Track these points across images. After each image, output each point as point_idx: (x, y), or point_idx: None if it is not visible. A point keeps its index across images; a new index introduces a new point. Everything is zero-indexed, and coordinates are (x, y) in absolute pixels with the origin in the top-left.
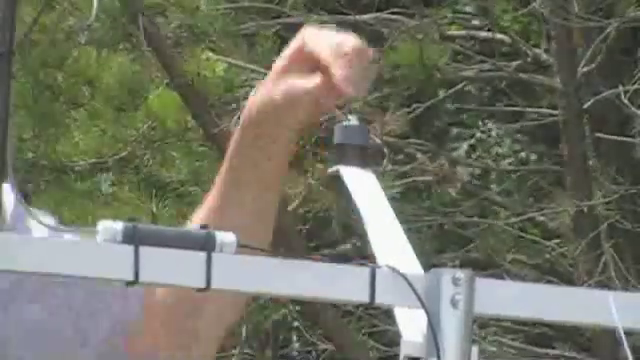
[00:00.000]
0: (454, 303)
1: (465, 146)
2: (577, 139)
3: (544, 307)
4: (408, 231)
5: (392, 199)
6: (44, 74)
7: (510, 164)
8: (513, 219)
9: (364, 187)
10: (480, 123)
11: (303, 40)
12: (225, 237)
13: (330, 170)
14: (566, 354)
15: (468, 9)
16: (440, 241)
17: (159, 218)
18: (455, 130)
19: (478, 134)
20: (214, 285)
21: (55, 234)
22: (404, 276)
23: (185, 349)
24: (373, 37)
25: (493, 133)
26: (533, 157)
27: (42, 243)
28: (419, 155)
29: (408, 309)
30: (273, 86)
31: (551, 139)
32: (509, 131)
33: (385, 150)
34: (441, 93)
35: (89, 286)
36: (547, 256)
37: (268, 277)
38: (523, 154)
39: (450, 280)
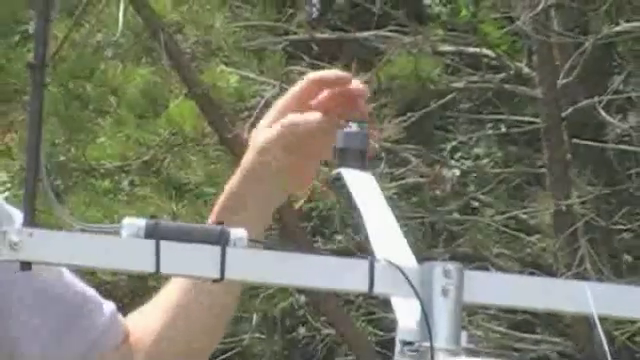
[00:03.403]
0: (445, 293)
1: (450, 148)
2: (557, 144)
3: (527, 296)
4: (403, 227)
5: (389, 199)
6: (74, 85)
7: (494, 167)
8: (498, 217)
9: (364, 188)
10: (468, 128)
11: (305, 80)
12: (238, 233)
13: (333, 172)
14: (546, 338)
15: (458, 27)
16: (432, 237)
17: (178, 216)
18: (446, 136)
19: (465, 139)
20: (228, 276)
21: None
22: (400, 268)
23: None
24: (372, 52)
25: (475, 137)
26: (514, 160)
27: (71, 237)
28: (413, 159)
29: (403, 298)
30: (274, 121)
31: (532, 144)
32: (494, 136)
33: (382, 154)
34: (433, 103)
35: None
36: (529, 250)
37: (277, 269)
38: (507, 157)
39: (441, 272)
